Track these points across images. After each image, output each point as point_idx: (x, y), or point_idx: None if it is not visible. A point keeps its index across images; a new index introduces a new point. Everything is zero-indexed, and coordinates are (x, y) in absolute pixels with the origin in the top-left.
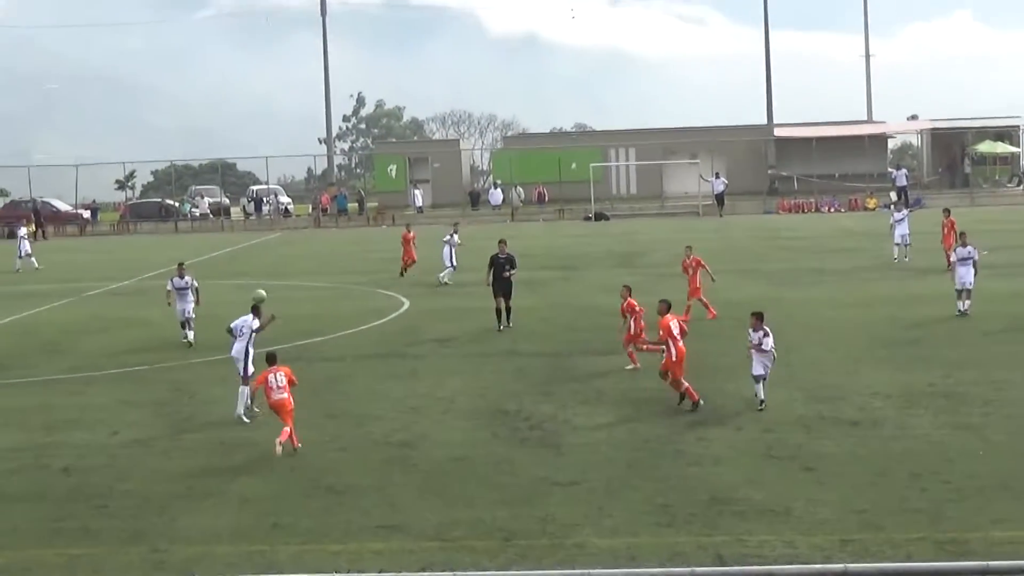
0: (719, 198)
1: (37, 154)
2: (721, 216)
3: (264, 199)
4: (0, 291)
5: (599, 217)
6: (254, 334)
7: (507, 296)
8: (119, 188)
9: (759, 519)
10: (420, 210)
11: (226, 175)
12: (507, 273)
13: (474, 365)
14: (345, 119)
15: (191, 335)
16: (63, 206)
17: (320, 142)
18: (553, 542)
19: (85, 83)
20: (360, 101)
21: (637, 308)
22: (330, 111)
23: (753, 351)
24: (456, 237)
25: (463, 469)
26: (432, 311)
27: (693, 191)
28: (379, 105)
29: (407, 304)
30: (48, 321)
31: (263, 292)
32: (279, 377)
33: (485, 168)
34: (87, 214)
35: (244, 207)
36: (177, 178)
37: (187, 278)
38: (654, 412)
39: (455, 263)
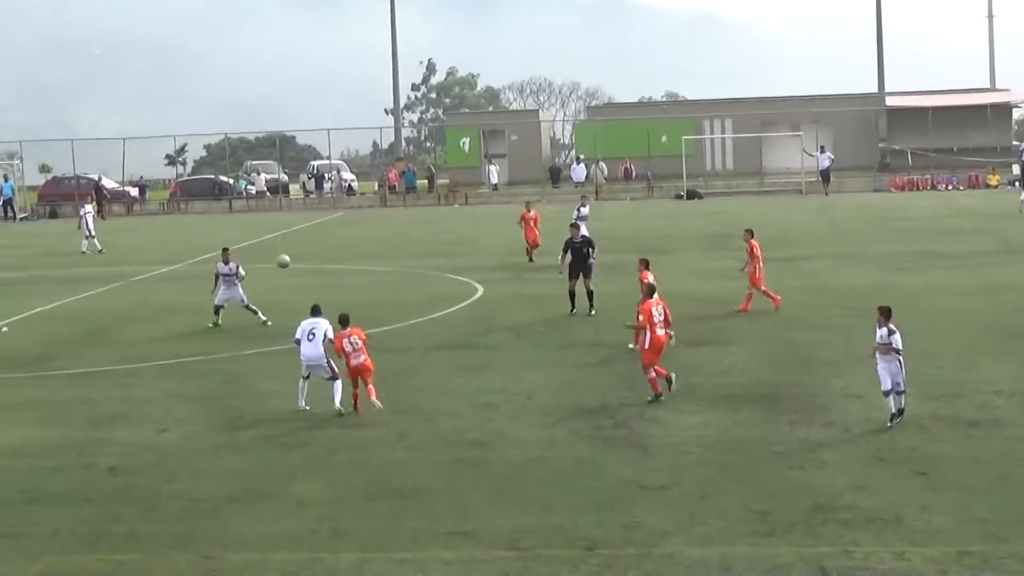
0: (824, 174)
1: (81, 126)
2: (827, 194)
3: (326, 175)
4: (43, 275)
5: (691, 195)
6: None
7: (588, 277)
8: (169, 164)
9: (867, 528)
10: (495, 187)
11: (284, 149)
12: (591, 260)
13: (553, 357)
14: (414, 88)
15: (260, 314)
16: (109, 183)
17: (387, 113)
18: (640, 551)
19: (130, 49)
20: (430, 68)
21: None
22: (397, 79)
23: (878, 354)
24: (584, 210)
25: (541, 471)
26: (508, 298)
27: (795, 167)
28: (451, 73)
29: (481, 290)
30: (93, 308)
31: (287, 257)
32: (354, 340)
33: (567, 141)
34: (135, 192)
35: (304, 184)
36: (231, 153)
37: (232, 264)
38: (751, 410)
39: None
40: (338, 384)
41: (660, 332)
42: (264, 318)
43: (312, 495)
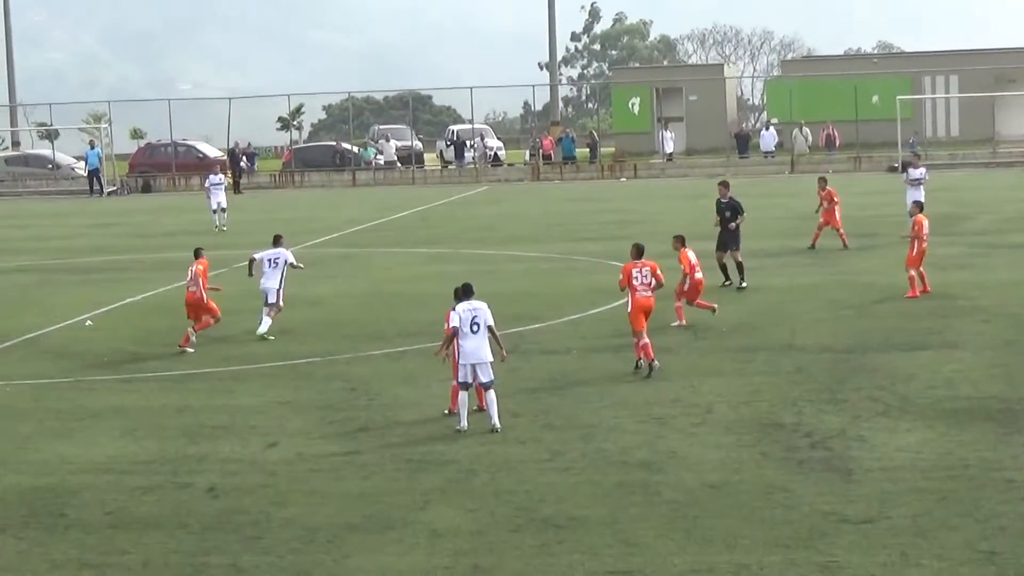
0: None
1: (181, 84)
2: None
3: (467, 142)
4: (133, 259)
5: (907, 167)
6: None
7: (735, 248)
8: (282, 128)
9: None
10: (670, 157)
11: (419, 111)
12: (731, 224)
13: (738, 362)
14: (574, 38)
15: (268, 323)
16: (211, 151)
17: (541, 68)
18: None
19: None
20: (594, 14)
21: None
22: (554, 27)
23: None
24: (917, 172)
25: (722, 499)
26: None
27: None
28: (618, 19)
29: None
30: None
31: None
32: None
33: (756, 102)
34: (242, 161)
35: (441, 152)
36: (356, 115)
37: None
38: (978, 428)
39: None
40: (491, 395)
41: (640, 295)
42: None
43: (448, 524)
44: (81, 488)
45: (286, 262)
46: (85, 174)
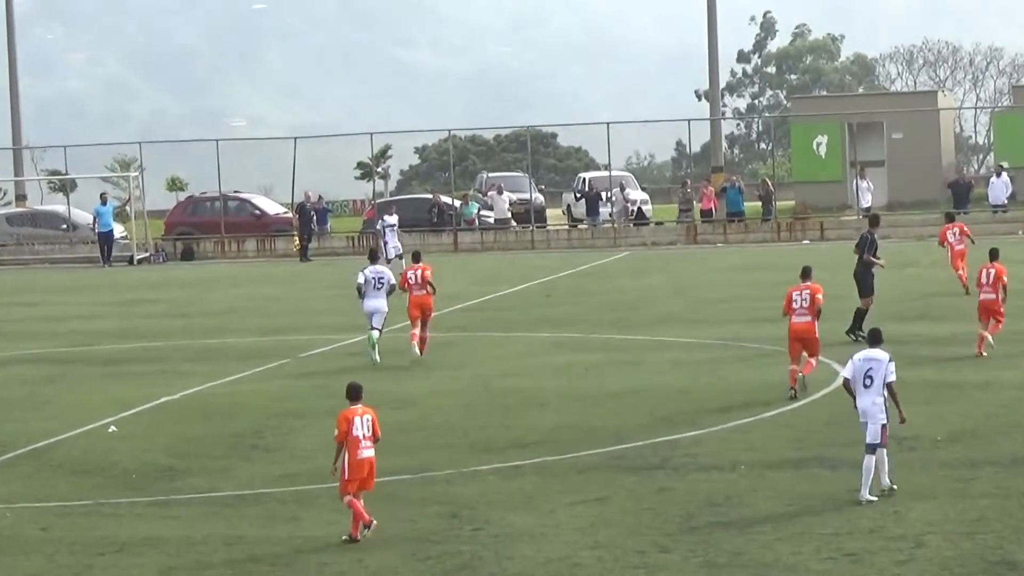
0: None
1: (232, 119)
2: None
3: (603, 194)
4: (171, 348)
5: None
6: None
7: (864, 295)
8: (363, 176)
9: None
10: (867, 212)
11: (540, 154)
12: (875, 267)
13: (957, 481)
14: (742, 58)
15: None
16: (271, 206)
17: (699, 98)
18: None
19: (305, 4)
20: (767, 28)
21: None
22: (716, 44)
23: None
24: None
25: None
26: None
27: None
28: (799, 33)
29: (842, 373)
30: (245, 397)
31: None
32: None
33: (981, 141)
34: (312, 220)
35: (569, 207)
36: (459, 159)
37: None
38: None
39: None
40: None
41: (796, 319)
42: (377, 357)
43: None
44: None
45: (392, 286)
46: (96, 238)
